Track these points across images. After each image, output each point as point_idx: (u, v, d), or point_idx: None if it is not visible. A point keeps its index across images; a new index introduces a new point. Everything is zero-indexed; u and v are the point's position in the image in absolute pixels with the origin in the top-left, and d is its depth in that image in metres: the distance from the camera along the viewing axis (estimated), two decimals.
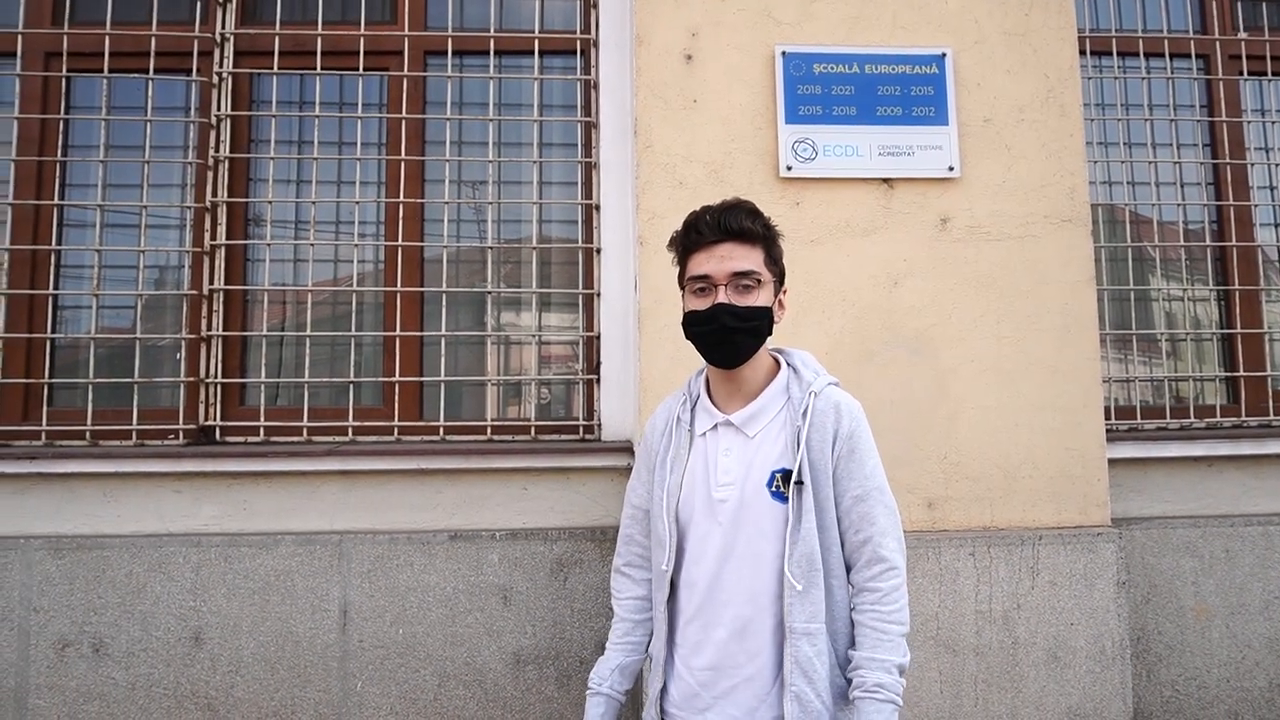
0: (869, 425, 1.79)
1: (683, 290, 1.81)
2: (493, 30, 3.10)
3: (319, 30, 3.01)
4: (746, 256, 1.73)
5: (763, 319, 1.74)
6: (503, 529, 2.82)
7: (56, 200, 2.99)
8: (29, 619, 2.69)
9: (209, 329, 2.94)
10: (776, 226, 1.81)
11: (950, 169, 2.85)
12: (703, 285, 1.74)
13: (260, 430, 2.90)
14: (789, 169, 2.82)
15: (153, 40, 2.96)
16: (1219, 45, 3.33)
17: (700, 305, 1.74)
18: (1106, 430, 2.86)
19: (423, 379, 3.01)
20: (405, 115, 3.04)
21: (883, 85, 2.89)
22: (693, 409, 1.86)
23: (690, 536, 1.78)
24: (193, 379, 2.91)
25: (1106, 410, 2.98)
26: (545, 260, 3.14)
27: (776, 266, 1.79)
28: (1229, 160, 3.30)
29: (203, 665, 2.70)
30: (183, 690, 2.69)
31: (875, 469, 1.75)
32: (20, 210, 2.96)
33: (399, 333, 2.98)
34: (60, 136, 3.02)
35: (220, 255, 2.98)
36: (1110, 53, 3.29)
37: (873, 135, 2.87)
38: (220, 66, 3.01)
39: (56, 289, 3.00)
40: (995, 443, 2.78)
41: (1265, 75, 3.39)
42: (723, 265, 1.71)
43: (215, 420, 2.91)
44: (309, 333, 3.00)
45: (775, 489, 1.72)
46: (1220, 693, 2.95)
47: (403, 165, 3.03)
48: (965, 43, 2.92)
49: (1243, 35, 3.36)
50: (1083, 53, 3.08)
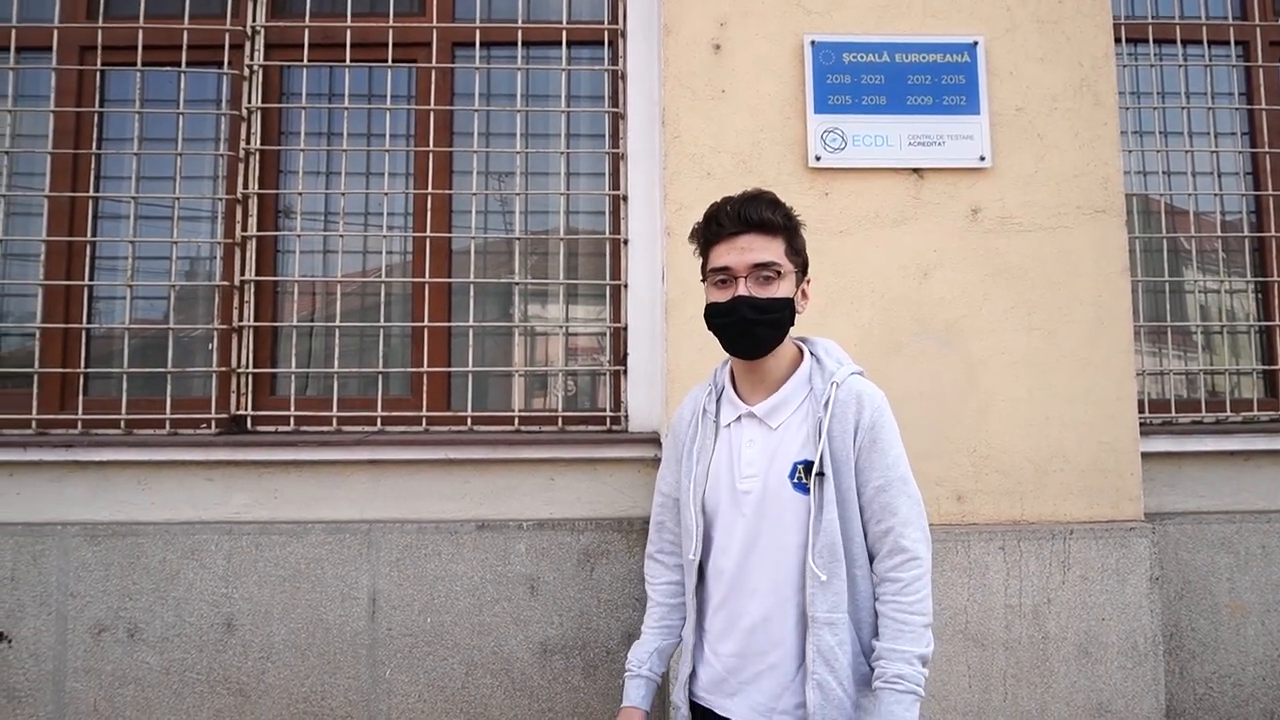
0: (893, 415, 1.77)
1: (704, 281, 1.80)
2: (520, 21, 3.10)
3: (348, 22, 3.03)
4: (767, 248, 1.72)
5: (784, 311, 1.74)
6: (530, 519, 2.83)
7: (91, 193, 3.03)
8: (66, 604, 2.74)
9: (240, 319, 2.97)
10: (799, 216, 1.79)
11: (981, 159, 2.82)
12: (723, 277, 1.74)
13: (290, 420, 2.93)
14: (818, 159, 2.80)
15: (185, 34, 2.99)
16: (1259, 31, 3.25)
17: (721, 297, 1.74)
18: (1140, 424, 2.82)
19: (450, 369, 3.03)
20: (433, 107, 3.05)
21: (913, 74, 2.86)
22: (718, 400, 1.87)
23: (717, 526, 1.80)
24: (224, 369, 2.95)
25: (1140, 403, 2.94)
26: (572, 251, 3.14)
27: (799, 257, 1.78)
28: (1268, 149, 3.22)
29: (235, 651, 2.74)
30: (215, 675, 2.73)
31: (898, 459, 1.74)
32: (56, 202, 3.01)
33: (427, 323, 3.00)
34: (95, 130, 3.06)
35: (251, 246, 3.01)
36: (1146, 40, 3.22)
37: (903, 125, 2.84)
38: (251, 59, 3.04)
39: (92, 280, 3.04)
40: (1026, 436, 2.75)
41: None
42: (743, 257, 1.71)
43: (246, 410, 2.95)
44: (338, 323, 3.02)
45: (797, 480, 1.72)
46: (1255, 691, 2.90)
47: (431, 157, 3.04)
48: (997, 31, 2.88)
49: None
50: (1118, 40, 3.02)
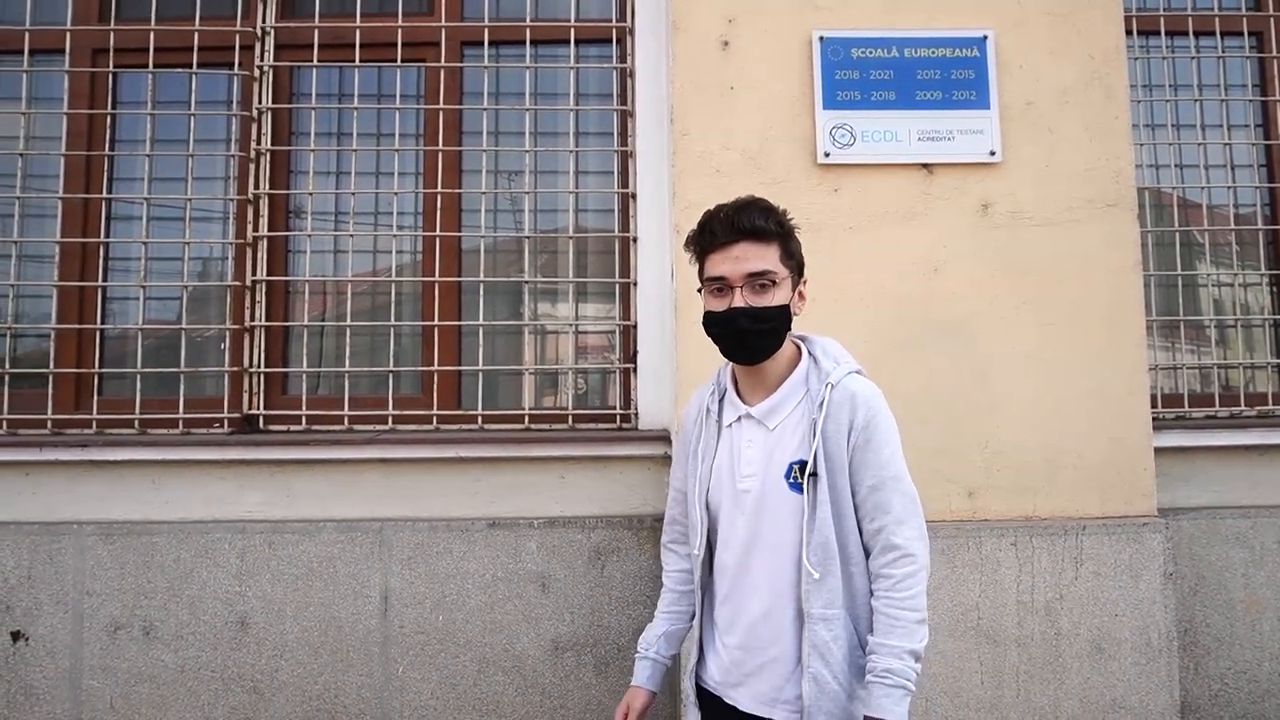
0: (890, 414, 1.78)
1: (701, 290, 1.81)
2: (529, 20, 3.10)
3: (357, 23, 3.04)
4: (762, 256, 1.73)
5: (780, 319, 1.75)
6: (541, 517, 2.83)
7: (104, 194, 3.05)
8: (82, 602, 2.76)
9: (252, 319, 2.99)
10: (792, 220, 1.80)
11: (991, 153, 2.81)
12: (719, 286, 1.75)
13: (302, 419, 2.94)
14: (827, 155, 2.80)
15: (195, 35, 3.00)
16: (1273, 22, 3.22)
17: (718, 306, 1.75)
18: (1153, 419, 2.80)
19: (461, 368, 3.03)
20: (443, 106, 3.06)
21: (922, 69, 2.85)
22: (720, 400, 1.90)
23: (720, 524, 1.84)
24: (236, 369, 2.96)
25: (1153, 398, 2.92)
26: (582, 250, 3.14)
27: (793, 261, 1.79)
28: None
29: (248, 649, 2.76)
30: (229, 673, 2.75)
31: (892, 457, 1.75)
32: (70, 204, 3.03)
33: (437, 323, 3.00)
34: (107, 131, 3.08)
35: (262, 247, 3.03)
36: (1158, 32, 3.19)
37: (912, 120, 2.83)
38: (261, 60, 3.05)
39: (105, 281, 3.07)
40: (1037, 431, 2.74)
41: None
42: (738, 266, 1.72)
43: (259, 409, 2.96)
44: (349, 323, 3.03)
45: (792, 480, 1.75)
46: (1271, 686, 2.88)
47: (440, 156, 3.05)
48: (1006, 24, 2.86)
49: None
50: (1129, 32, 3.00)
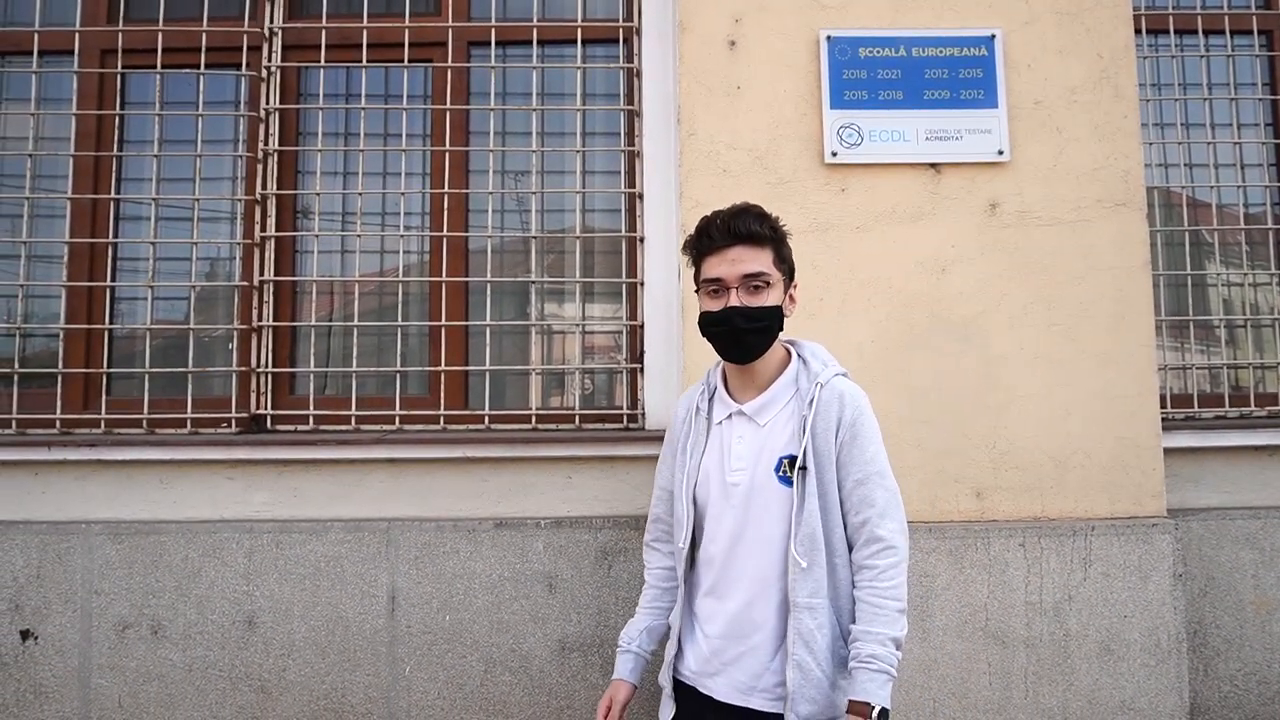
0: (873, 414, 1.90)
1: (698, 291, 1.92)
2: (535, 20, 3.09)
3: (364, 23, 3.04)
4: (756, 259, 1.85)
5: (773, 318, 1.88)
6: (547, 517, 2.83)
7: (113, 194, 3.06)
8: (91, 601, 2.77)
9: (259, 319, 2.99)
10: (785, 226, 1.92)
11: (1000, 153, 2.80)
12: (715, 288, 1.87)
13: (309, 419, 2.94)
14: (834, 155, 2.79)
15: (203, 36, 3.01)
16: None
17: (714, 307, 1.87)
18: (1162, 419, 2.79)
19: (468, 368, 3.03)
20: (449, 106, 3.05)
21: (930, 68, 2.84)
22: (711, 399, 2.00)
23: (707, 517, 1.95)
24: (244, 369, 2.97)
25: (1162, 398, 2.90)
26: (588, 250, 3.14)
27: (785, 265, 1.92)
28: None
29: (256, 648, 2.76)
30: (237, 672, 2.76)
31: (876, 454, 1.86)
32: (78, 204, 3.04)
33: (444, 323, 3.00)
34: (116, 132, 3.10)
35: (270, 247, 3.03)
36: (1167, 30, 3.17)
37: (920, 119, 2.82)
38: (269, 61, 3.06)
39: (114, 281, 3.07)
40: (1046, 432, 2.73)
41: None
42: (734, 268, 1.84)
43: (266, 409, 2.97)
44: (356, 323, 3.03)
45: (782, 474, 1.86)
46: None
47: (447, 156, 3.05)
48: (1015, 23, 2.85)
49: None
50: (1138, 31, 2.99)
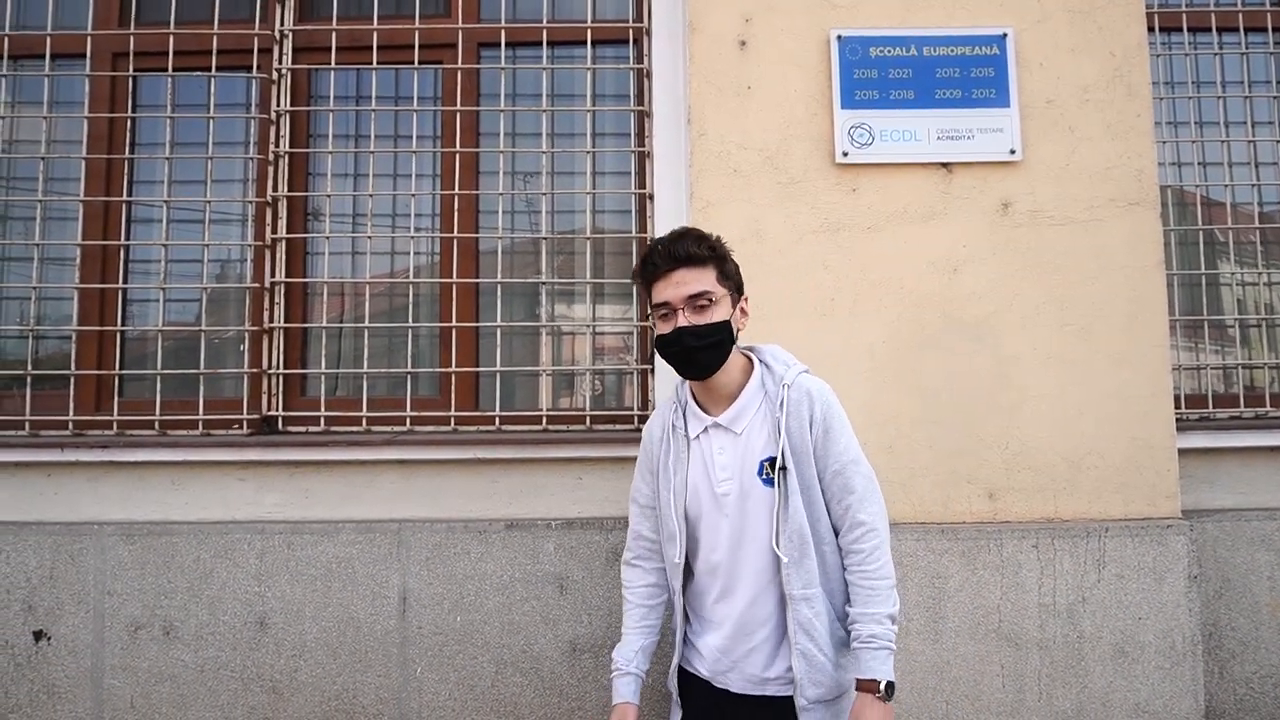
0: (840, 404, 1.98)
1: (648, 317, 1.99)
2: (545, 21, 3.09)
3: (374, 25, 3.05)
4: (699, 279, 1.90)
5: (723, 334, 1.92)
6: (558, 518, 2.83)
7: (125, 197, 3.07)
8: (103, 602, 2.78)
9: (270, 321, 3.00)
10: (726, 244, 1.98)
11: (1011, 152, 2.78)
12: (665, 311, 1.92)
13: (321, 420, 2.95)
14: (845, 155, 2.78)
15: (214, 39, 3.02)
16: None
17: (665, 329, 1.92)
18: (1176, 419, 2.77)
19: (478, 370, 3.03)
20: (460, 108, 3.06)
21: (941, 67, 2.83)
22: (684, 415, 2.06)
23: (702, 529, 2.00)
24: (255, 370, 2.97)
25: (1176, 399, 2.88)
26: (599, 250, 3.14)
27: (730, 281, 1.97)
28: None
29: (267, 649, 2.77)
30: (249, 673, 2.76)
31: (849, 444, 1.95)
32: (91, 207, 3.05)
33: (455, 324, 3.00)
34: (127, 135, 3.11)
35: (281, 249, 3.04)
36: (1180, 28, 3.16)
37: (931, 119, 2.81)
38: (279, 63, 3.06)
39: (125, 283, 3.09)
40: (1059, 432, 2.72)
41: None
42: (678, 290, 1.90)
43: (277, 410, 2.97)
44: (367, 324, 3.03)
45: (765, 475, 1.93)
46: None
47: (457, 157, 3.05)
48: (1027, 21, 2.84)
49: None
50: (1151, 29, 2.96)
